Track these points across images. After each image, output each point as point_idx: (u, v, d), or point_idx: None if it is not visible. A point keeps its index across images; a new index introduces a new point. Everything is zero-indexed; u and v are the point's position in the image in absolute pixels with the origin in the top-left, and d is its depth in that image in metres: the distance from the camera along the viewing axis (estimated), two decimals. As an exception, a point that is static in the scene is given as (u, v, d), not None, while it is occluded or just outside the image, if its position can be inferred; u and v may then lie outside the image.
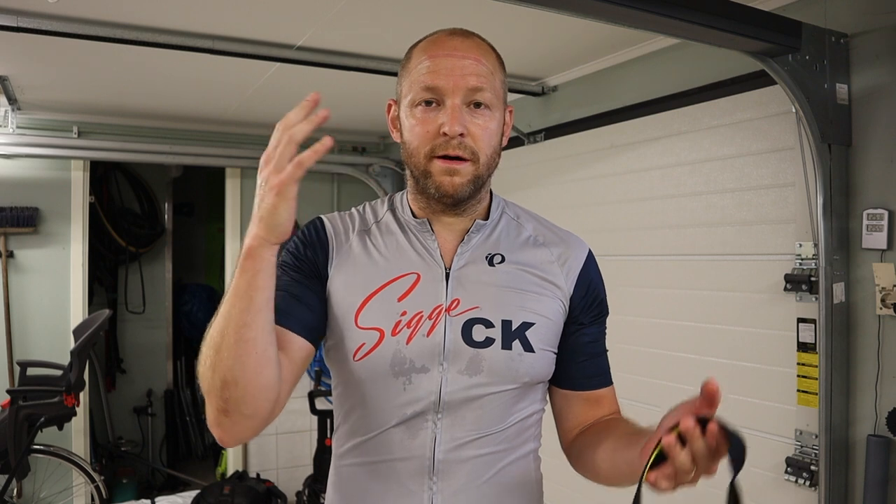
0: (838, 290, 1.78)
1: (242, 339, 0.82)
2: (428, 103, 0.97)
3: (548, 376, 1.05)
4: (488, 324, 0.99)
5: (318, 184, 4.32)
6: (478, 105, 0.97)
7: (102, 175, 4.48)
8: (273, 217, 0.80)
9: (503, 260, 1.03)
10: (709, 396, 0.78)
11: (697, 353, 2.23)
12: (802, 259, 1.89)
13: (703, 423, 0.77)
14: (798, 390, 1.90)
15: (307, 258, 1.03)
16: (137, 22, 2.22)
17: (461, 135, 0.95)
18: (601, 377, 1.08)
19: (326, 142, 0.79)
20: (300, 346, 0.96)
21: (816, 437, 1.82)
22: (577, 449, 1.07)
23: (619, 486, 1.01)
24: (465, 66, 0.97)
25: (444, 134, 0.95)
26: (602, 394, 1.08)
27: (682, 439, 0.77)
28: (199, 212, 5.31)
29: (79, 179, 3.68)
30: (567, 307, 1.05)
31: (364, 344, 0.97)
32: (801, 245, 1.90)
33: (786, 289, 1.92)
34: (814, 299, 1.85)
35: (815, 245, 1.81)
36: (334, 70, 2.63)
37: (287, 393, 0.93)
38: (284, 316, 0.94)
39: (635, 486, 0.81)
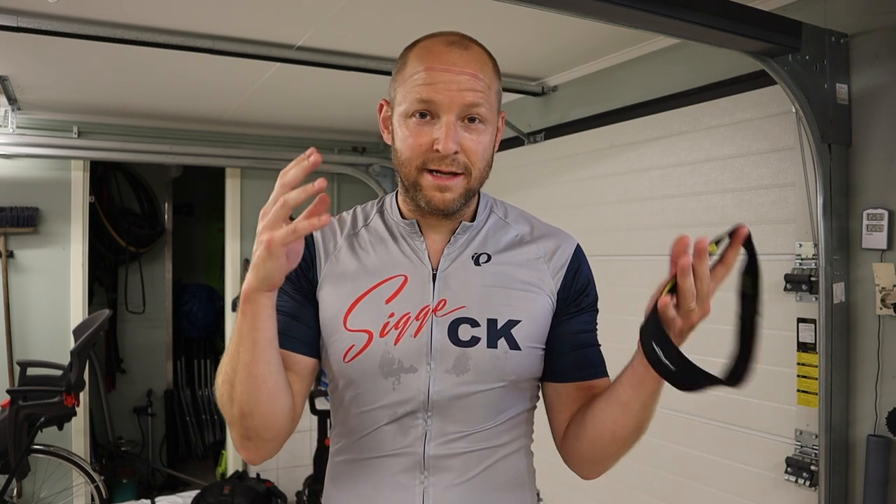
0: (838, 290, 1.78)
1: (252, 375, 0.90)
2: (422, 115, 0.97)
3: (536, 374, 1.05)
4: (474, 323, 1.00)
5: (318, 184, 4.32)
6: (472, 119, 0.97)
7: (102, 175, 4.49)
8: (262, 269, 0.83)
9: (489, 259, 1.05)
10: (739, 240, 0.84)
11: (697, 353, 2.22)
12: (802, 259, 1.89)
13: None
14: (798, 390, 1.90)
15: (298, 272, 1.04)
16: (137, 22, 2.22)
17: (455, 152, 0.96)
18: (592, 368, 1.07)
19: (319, 185, 0.78)
20: (305, 363, 1.02)
21: (816, 437, 1.82)
22: (567, 438, 1.06)
23: (604, 455, 1.01)
24: (461, 81, 0.96)
25: (437, 150, 0.95)
26: (595, 384, 1.06)
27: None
28: (199, 212, 5.31)
29: (79, 179, 3.68)
30: (554, 302, 1.05)
31: (353, 346, 0.99)
32: (801, 245, 1.90)
33: (786, 289, 1.92)
34: (814, 299, 1.85)
35: (815, 245, 1.81)
36: (334, 70, 2.63)
37: (301, 406, 1.01)
38: (286, 338, 1.00)
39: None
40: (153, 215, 4.80)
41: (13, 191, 3.52)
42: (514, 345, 1.00)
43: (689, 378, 0.86)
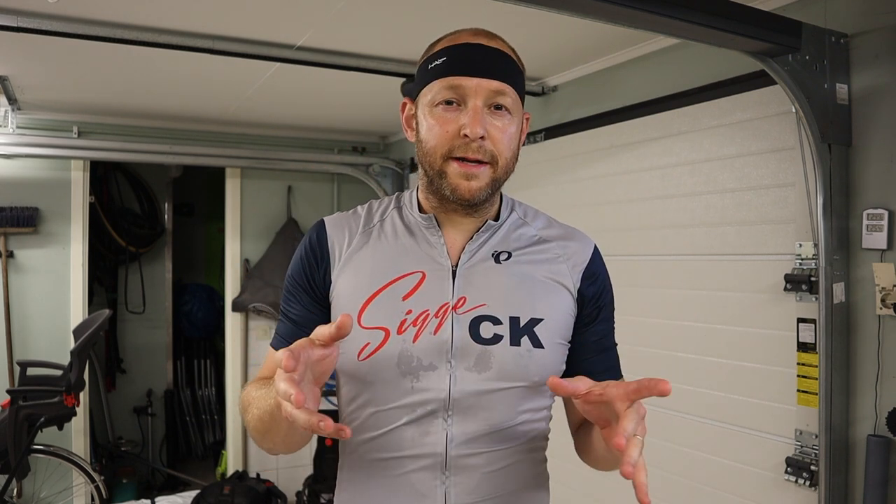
0: (838, 290, 1.78)
1: (289, 438, 0.95)
2: (448, 103, 0.96)
3: (558, 374, 1.04)
4: (496, 321, 0.99)
5: (318, 184, 4.32)
6: (499, 107, 0.97)
7: (102, 175, 4.49)
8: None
9: (509, 257, 1.04)
10: (652, 392, 0.77)
11: (697, 353, 2.23)
12: (802, 259, 1.89)
13: None
14: (798, 390, 1.90)
15: (308, 276, 1.04)
16: (137, 22, 2.22)
17: (482, 137, 0.95)
18: (609, 372, 1.08)
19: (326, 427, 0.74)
20: None
21: (816, 437, 1.82)
22: (579, 437, 1.09)
23: (604, 466, 1.03)
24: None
25: (465, 136, 0.94)
26: None
27: None
28: (199, 212, 5.31)
29: (79, 179, 3.69)
30: (576, 303, 1.05)
31: (368, 343, 0.97)
32: (801, 245, 1.90)
33: (786, 289, 1.92)
34: (814, 299, 1.85)
35: (815, 245, 1.81)
36: (334, 70, 2.63)
37: None
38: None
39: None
40: (153, 215, 4.80)
41: (13, 191, 3.52)
42: (537, 343, 0.99)
43: None
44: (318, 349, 0.79)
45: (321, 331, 0.79)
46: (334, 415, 0.92)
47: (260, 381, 1.04)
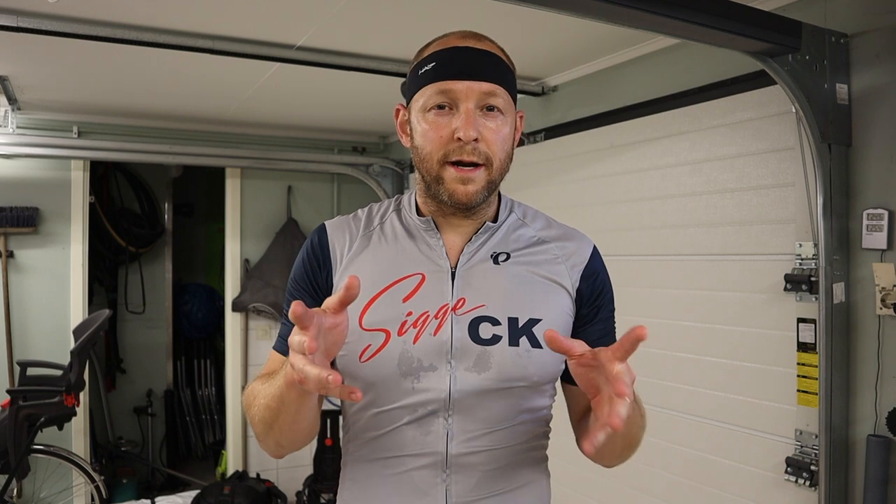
0: (838, 290, 1.78)
1: (293, 428, 0.95)
2: (440, 107, 0.97)
3: (558, 373, 1.05)
4: (494, 321, 1.00)
5: (318, 184, 4.32)
6: (491, 108, 0.98)
7: (102, 175, 4.49)
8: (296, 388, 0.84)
9: (508, 258, 1.05)
10: (633, 341, 0.78)
11: (697, 353, 2.23)
12: (802, 259, 1.89)
13: None
14: (798, 390, 1.90)
15: (311, 279, 1.05)
16: (137, 22, 2.22)
17: (475, 140, 0.96)
18: None
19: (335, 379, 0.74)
20: None
21: (816, 437, 1.82)
22: (579, 429, 1.09)
23: (608, 459, 1.03)
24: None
25: (458, 139, 0.95)
26: None
27: None
28: (199, 212, 5.31)
29: (79, 179, 3.68)
30: (574, 303, 1.06)
31: (370, 345, 0.98)
32: (801, 245, 1.90)
33: (786, 289, 1.93)
34: (814, 299, 1.85)
35: (815, 245, 1.81)
36: (334, 70, 2.63)
37: (319, 407, 1.03)
38: None
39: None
40: (153, 215, 4.80)
41: (13, 191, 3.52)
42: (535, 343, 1.00)
43: None
44: (329, 317, 0.80)
45: (331, 299, 0.80)
46: (336, 415, 0.92)
47: (264, 376, 1.05)
